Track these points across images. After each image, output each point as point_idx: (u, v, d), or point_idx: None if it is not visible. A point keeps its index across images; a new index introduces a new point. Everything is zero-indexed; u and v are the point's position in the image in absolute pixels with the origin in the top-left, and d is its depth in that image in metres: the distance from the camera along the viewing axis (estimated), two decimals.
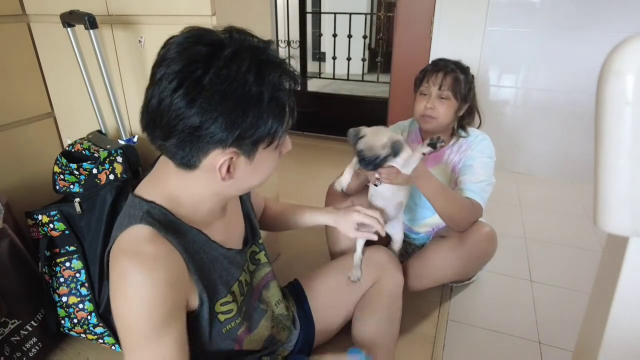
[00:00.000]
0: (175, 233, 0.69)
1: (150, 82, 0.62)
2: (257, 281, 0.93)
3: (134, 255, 0.64)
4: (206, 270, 0.74)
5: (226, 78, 0.58)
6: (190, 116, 0.58)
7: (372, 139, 1.07)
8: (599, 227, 0.51)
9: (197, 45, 0.59)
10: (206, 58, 0.58)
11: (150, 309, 0.63)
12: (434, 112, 1.33)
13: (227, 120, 0.59)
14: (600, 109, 0.47)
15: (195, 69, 0.58)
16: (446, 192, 1.23)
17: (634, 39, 0.44)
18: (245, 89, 0.59)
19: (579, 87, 2.35)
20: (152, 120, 0.62)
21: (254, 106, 0.60)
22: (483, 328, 1.42)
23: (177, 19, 1.16)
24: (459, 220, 1.29)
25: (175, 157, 0.65)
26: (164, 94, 0.59)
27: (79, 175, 1.20)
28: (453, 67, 1.34)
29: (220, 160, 0.63)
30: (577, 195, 2.40)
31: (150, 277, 0.63)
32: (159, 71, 0.60)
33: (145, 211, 0.68)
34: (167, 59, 0.59)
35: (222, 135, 0.60)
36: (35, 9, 1.37)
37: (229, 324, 0.80)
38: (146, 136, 0.66)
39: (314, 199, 1.44)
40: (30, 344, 1.18)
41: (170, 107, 0.59)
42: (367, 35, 4.78)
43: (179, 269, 0.68)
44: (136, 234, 0.66)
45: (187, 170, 0.66)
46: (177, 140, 0.61)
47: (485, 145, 1.37)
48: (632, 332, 0.57)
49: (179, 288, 0.68)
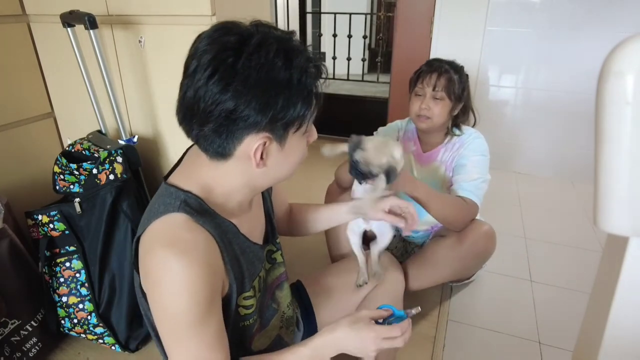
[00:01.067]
0: (211, 222, 0.70)
1: (184, 75, 0.65)
2: (271, 280, 0.94)
3: (173, 243, 0.64)
4: (236, 261, 0.75)
5: (257, 63, 0.61)
6: (226, 100, 0.61)
7: (372, 154, 1.01)
8: (599, 227, 0.51)
9: (227, 36, 0.62)
10: (236, 46, 0.61)
11: (193, 296, 0.63)
12: (428, 112, 1.34)
13: (260, 103, 0.62)
14: (600, 109, 0.47)
15: (227, 56, 0.61)
16: (438, 196, 1.24)
17: (634, 39, 0.44)
18: (275, 72, 0.62)
19: (579, 87, 2.35)
20: (190, 110, 0.65)
21: (284, 89, 0.63)
22: (483, 328, 1.42)
23: (177, 19, 1.16)
24: (454, 221, 1.29)
25: (212, 145, 0.67)
26: (199, 84, 0.62)
27: (79, 175, 1.20)
28: (447, 67, 1.35)
29: (254, 145, 0.65)
30: (577, 195, 2.40)
31: (191, 264, 0.63)
32: (192, 64, 0.63)
33: (182, 200, 0.69)
34: (199, 51, 0.63)
35: (256, 118, 0.63)
36: (35, 9, 1.37)
37: (247, 320, 0.81)
38: (183, 130, 0.69)
39: (314, 199, 1.45)
40: (30, 344, 1.18)
41: (206, 94, 0.62)
42: (367, 35, 4.77)
43: (216, 256, 0.69)
44: (174, 222, 0.67)
45: (221, 160, 0.69)
46: (215, 125, 0.63)
47: (478, 143, 1.38)
48: (632, 332, 0.57)
49: (218, 273, 0.70)
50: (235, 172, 0.71)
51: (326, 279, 1.19)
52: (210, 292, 0.66)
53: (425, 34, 2.49)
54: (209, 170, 0.72)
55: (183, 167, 0.78)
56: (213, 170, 0.71)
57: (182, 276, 0.63)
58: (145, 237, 0.69)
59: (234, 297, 0.75)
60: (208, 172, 0.72)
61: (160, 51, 1.22)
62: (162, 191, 0.74)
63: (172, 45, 1.19)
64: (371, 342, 0.74)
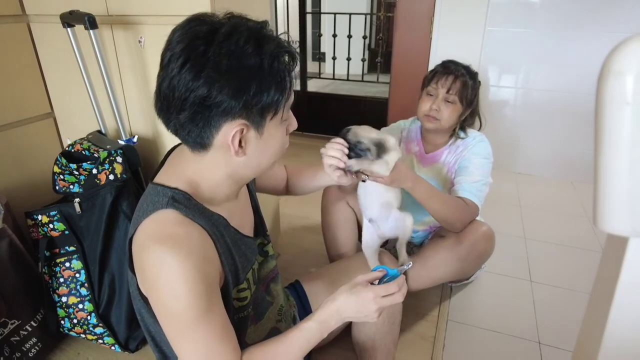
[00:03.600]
0: (201, 216, 0.71)
1: (160, 67, 0.67)
2: (265, 273, 0.94)
3: (166, 238, 0.65)
4: (229, 254, 0.76)
5: (227, 50, 0.62)
6: (199, 87, 0.62)
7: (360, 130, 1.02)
8: (599, 227, 0.51)
9: (198, 26, 0.64)
10: (207, 35, 0.63)
11: (193, 289, 0.64)
12: (438, 114, 1.34)
13: (232, 88, 0.63)
14: (600, 109, 0.47)
15: (199, 45, 0.62)
16: (438, 195, 1.24)
17: (634, 39, 0.44)
18: (245, 58, 0.63)
19: (579, 87, 2.36)
20: (166, 100, 0.66)
21: (255, 74, 0.64)
22: (483, 328, 1.42)
23: (176, 19, 1.14)
24: (453, 221, 1.29)
25: (190, 135, 0.68)
26: (172, 73, 0.63)
27: (78, 175, 1.20)
28: (463, 71, 1.34)
29: (231, 133, 0.66)
30: (577, 195, 2.40)
31: (186, 257, 0.64)
32: (166, 55, 0.65)
33: (170, 197, 0.70)
34: (172, 43, 0.65)
35: (230, 104, 0.64)
36: (35, 9, 1.37)
37: (241, 313, 0.82)
38: (161, 120, 0.70)
39: (313, 198, 1.45)
40: (29, 344, 1.18)
41: (179, 82, 0.63)
42: (367, 35, 4.77)
43: (211, 248, 0.70)
44: (164, 218, 0.67)
45: (202, 151, 0.70)
46: (189, 112, 0.64)
47: (482, 146, 1.38)
48: (632, 332, 0.57)
49: (214, 265, 0.70)
50: (217, 163, 0.72)
51: (325, 278, 1.19)
52: (209, 284, 0.67)
53: (425, 34, 2.49)
54: (193, 164, 0.73)
55: (167, 166, 0.79)
56: (196, 164, 0.72)
57: (179, 270, 0.63)
58: (137, 237, 0.69)
59: (230, 290, 0.76)
60: (192, 166, 0.73)
61: (160, 51, 1.22)
62: (149, 191, 0.74)
63: None
64: (371, 302, 0.76)
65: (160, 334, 0.77)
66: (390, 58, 2.72)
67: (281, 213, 1.88)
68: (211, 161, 0.71)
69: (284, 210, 1.97)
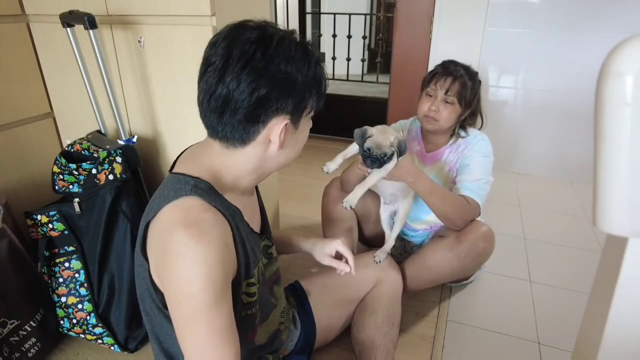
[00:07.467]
0: (221, 205, 0.73)
1: (205, 72, 0.70)
2: (269, 274, 0.95)
3: (193, 223, 0.66)
4: (242, 245, 0.77)
5: (282, 55, 0.69)
6: (260, 87, 0.68)
7: (379, 138, 1.11)
8: (598, 228, 0.51)
9: (245, 33, 0.69)
10: (259, 40, 0.68)
11: (209, 275, 0.65)
12: (437, 114, 1.35)
13: (287, 88, 0.70)
14: (599, 109, 0.47)
15: (254, 49, 0.68)
16: (439, 191, 1.24)
17: (634, 39, 0.44)
18: (297, 62, 0.70)
19: (579, 87, 2.36)
20: (223, 101, 0.69)
21: (304, 76, 0.71)
22: (482, 328, 1.42)
23: (176, 19, 1.16)
24: (454, 218, 1.29)
25: (234, 132, 0.71)
26: (231, 76, 0.67)
27: (78, 175, 1.20)
28: (462, 72, 1.35)
29: (279, 128, 0.72)
30: (576, 196, 2.41)
31: (209, 243, 0.65)
32: (217, 61, 0.68)
33: (192, 185, 0.71)
34: (223, 49, 0.68)
35: (283, 102, 0.70)
36: (35, 9, 1.37)
37: (249, 309, 0.83)
38: (207, 123, 0.74)
39: (313, 198, 1.45)
40: (29, 345, 1.18)
41: (240, 84, 0.67)
42: (367, 35, 4.78)
43: (229, 236, 0.72)
44: (189, 204, 0.69)
45: (239, 146, 0.74)
46: (246, 111, 0.69)
47: (483, 145, 1.38)
48: (631, 332, 0.57)
49: (231, 253, 0.72)
50: (250, 156, 0.75)
51: (324, 279, 1.20)
52: (225, 273, 0.68)
53: (425, 34, 2.49)
54: (220, 157, 0.76)
55: (188, 158, 0.81)
56: (225, 157, 0.75)
57: (200, 255, 0.64)
58: (160, 220, 0.69)
59: (241, 281, 0.77)
60: (218, 159, 0.76)
61: (160, 51, 1.22)
62: (169, 180, 0.76)
63: (171, 45, 1.19)
64: None
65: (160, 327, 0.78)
66: (390, 58, 2.72)
67: (281, 213, 1.88)
68: (245, 155, 0.75)
69: (284, 210, 1.97)
